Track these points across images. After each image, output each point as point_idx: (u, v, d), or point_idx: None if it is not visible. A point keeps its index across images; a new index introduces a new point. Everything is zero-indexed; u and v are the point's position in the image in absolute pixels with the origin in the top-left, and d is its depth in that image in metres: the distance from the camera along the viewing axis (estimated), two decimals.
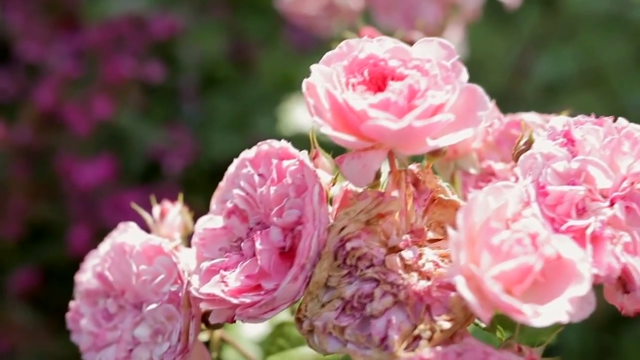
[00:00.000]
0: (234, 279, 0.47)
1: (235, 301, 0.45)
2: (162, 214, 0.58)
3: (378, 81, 0.46)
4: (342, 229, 0.45)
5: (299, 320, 0.46)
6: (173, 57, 1.67)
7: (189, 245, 0.58)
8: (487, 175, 0.56)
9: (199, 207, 0.59)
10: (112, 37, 1.58)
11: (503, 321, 0.50)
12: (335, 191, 0.49)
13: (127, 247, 0.54)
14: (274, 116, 1.51)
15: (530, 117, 0.57)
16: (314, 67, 0.46)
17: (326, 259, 0.45)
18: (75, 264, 1.47)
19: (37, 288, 1.51)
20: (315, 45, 1.70)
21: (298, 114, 1.15)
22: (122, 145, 1.56)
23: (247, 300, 0.45)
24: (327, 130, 0.43)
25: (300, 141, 1.11)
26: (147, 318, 0.53)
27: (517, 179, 0.47)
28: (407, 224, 0.47)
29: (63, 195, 1.54)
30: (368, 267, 0.45)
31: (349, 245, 0.45)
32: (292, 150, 0.48)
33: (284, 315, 0.63)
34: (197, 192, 1.52)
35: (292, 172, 0.47)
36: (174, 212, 0.58)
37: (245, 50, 1.73)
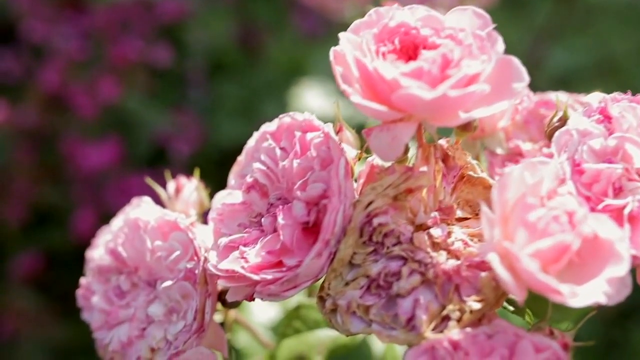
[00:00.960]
0: (254, 254, 0.45)
1: (256, 278, 0.44)
2: (178, 190, 0.56)
3: (409, 50, 0.44)
4: (369, 204, 0.43)
5: (321, 299, 0.45)
6: (181, 42, 1.65)
7: (204, 222, 0.56)
8: (515, 156, 0.54)
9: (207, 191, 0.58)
10: (119, 18, 1.56)
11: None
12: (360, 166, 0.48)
13: (142, 223, 0.52)
14: (282, 102, 1.49)
15: (559, 96, 0.55)
16: (342, 35, 0.44)
17: (351, 236, 0.43)
18: (79, 249, 1.45)
19: (41, 273, 1.49)
20: (323, 32, 1.68)
21: (308, 99, 1.13)
22: (128, 129, 1.54)
23: (269, 277, 0.43)
24: (357, 99, 0.41)
25: None
26: (161, 296, 0.51)
27: None
28: (435, 201, 0.45)
29: (68, 179, 1.52)
30: (395, 245, 0.43)
31: (376, 221, 0.43)
32: (317, 122, 0.46)
33: (300, 298, 0.61)
34: (204, 178, 1.50)
35: (317, 145, 0.45)
36: (190, 187, 0.56)
37: (254, 36, 1.71)
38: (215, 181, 0.59)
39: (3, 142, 1.49)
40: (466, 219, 0.46)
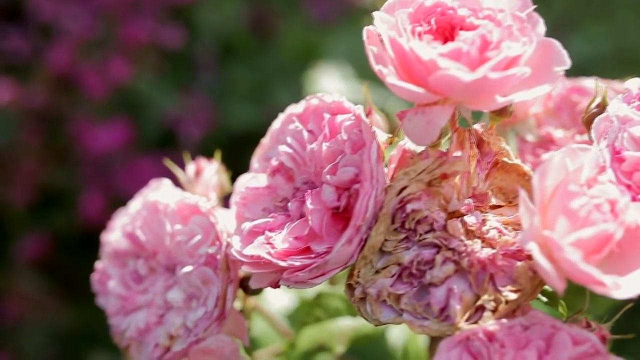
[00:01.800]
0: (281, 240, 0.43)
1: (283, 264, 0.42)
2: (198, 172, 0.54)
3: (445, 31, 0.42)
4: (403, 189, 0.42)
5: (350, 287, 0.43)
6: (191, 24, 1.62)
7: (224, 206, 0.55)
8: (546, 143, 0.53)
9: None
10: None
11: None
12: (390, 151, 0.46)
13: (161, 206, 0.51)
14: (294, 87, 1.47)
15: (591, 83, 0.54)
16: (375, 14, 0.42)
17: (383, 222, 0.42)
18: (86, 232, 1.44)
19: (47, 256, 1.47)
20: (335, 18, 1.66)
21: (324, 82, 1.11)
22: (137, 111, 1.52)
23: (297, 264, 0.42)
24: (392, 80, 0.39)
25: None
26: (180, 281, 0.50)
27: None
28: (469, 188, 0.44)
29: (75, 161, 1.50)
30: (427, 232, 0.42)
31: (409, 207, 0.41)
32: (347, 104, 0.45)
33: (321, 286, 0.60)
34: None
35: (348, 128, 0.43)
36: (211, 170, 0.54)
37: (265, 20, 1.69)
38: (225, 166, 0.57)
39: (10, 122, 1.47)
40: (499, 206, 0.45)
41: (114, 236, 0.54)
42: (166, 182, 0.53)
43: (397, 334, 0.72)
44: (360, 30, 0.44)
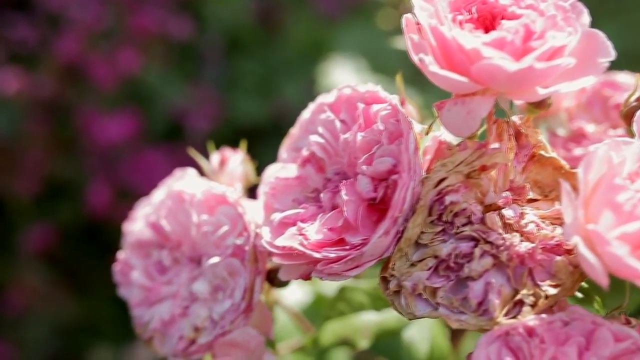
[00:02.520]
0: (314, 231, 0.42)
1: (317, 255, 0.41)
2: (222, 162, 0.53)
3: (486, 20, 0.41)
4: (441, 181, 0.41)
5: (384, 280, 0.42)
6: (199, 16, 1.61)
7: (248, 197, 0.54)
8: (577, 137, 0.52)
9: None
10: None
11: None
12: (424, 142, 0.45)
13: (187, 195, 0.50)
14: (300, 82, 1.46)
15: (623, 78, 0.53)
16: (414, 2, 0.41)
17: (420, 214, 0.41)
18: (92, 224, 1.43)
19: (52, 247, 1.46)
20: (342, 13, 1.65)
21: (336, 75, 1.10)
22: (144, 103, 1.51)
23: (332, 255, 0.41)
24: (434, 69, 0.38)
25: None
26: (206, 273, 0.49)
27: None
28: (505, 181, 0.43)
29: (82, 152, 1.48)
30: (465, 225, 0.41)
31: (447, 199, 0.41)
32: (383, 94, 0.44)
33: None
34: None
35: (384, 118, 0.42)
36: (236, 160, 0.53)
37: (273, 13, 1.67)
38: None
39: (17, 112, 1.46)
40: (535, 200, 0.44)
41: (136, 226, 0.53)
42: (191, 172, 0.52)
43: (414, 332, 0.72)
44: (371, 24, 0.43)
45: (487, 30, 0.41)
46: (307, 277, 0.44)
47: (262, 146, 1.01)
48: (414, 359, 0.78)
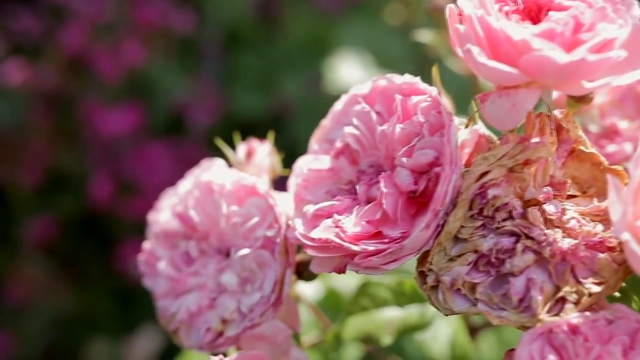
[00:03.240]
0: (352, 224, 0.42)
1: (355, 248, 0.40)
2: (249, 153, 0.52)
3: (531, 12, 0.41)
4: (483, 174, 0.40)
5: (421, 274, 0.42)
6: (199, 10, 1.60)
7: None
8: (610, 134, 0.51)
9: None
10: None
11: None
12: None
13: (216, 186, 0.49)
14: (301, 77, 1.45)
15: None
16: None
17: (462, 208, 0.40)
18: (93, 217, 1.42)
19: (53, 240, 1.45)
20: (343, 8, 1.64)
21: (343, 71, 1.09)
22: (147, 96, 1.49)
23: (370, 248, 0.40)
24: (483, 59, 0.38)
25: None
26: (234, 265, 0.48)
27: None
28: (545, 176, 0.42)
29: (84, 145, 1.47)
30: (505, 220, 0.40)
31: (490, 193, 0.40)
32: (422, 85, 0.43)
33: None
34: (220, 149, 1.46)
35: (425, 109, 0.42)
36: (263, 151, 0.52)
37: (273, 8, 1.66)
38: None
39: (20, 103, 1.44)
40: (574, 196, 0.43)
41: (163, 216, 0.52)
42: (219, 162, 0.51)
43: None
44: (375, 19, 0.42)
45: (533, 22, 0.40)
46: (341, 270, 0.43)
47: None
48: (426, 357, 0.78)
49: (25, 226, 1.45)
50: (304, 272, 0.48)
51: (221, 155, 0.54)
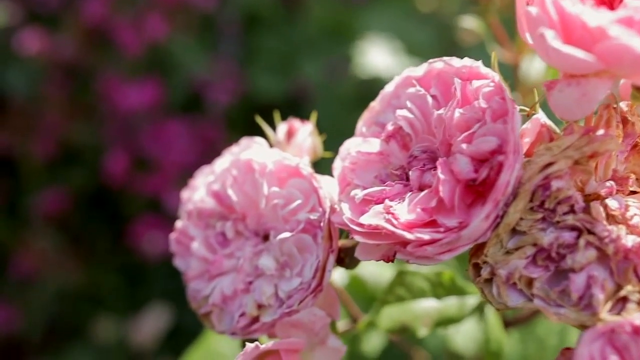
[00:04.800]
0: (404, 211, 0.40)
1: (409, 236, 0.39)
2: (290, 133, 0.50)
3: None
4: (548, 165, 0.38)
5: (476, 267, 0.40)
6: None
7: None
8: None
9: None
10: None
11: None
12: None
13: (257, 165, 0.47)
14: (320, 61, 1.43)
15: None
16: None
17: (522, 199, 0.38)
18: (104, 192, 1.40)
19: (63, 213, 1.43)
20: None
21: (372, 56, 1.07)
22: (167, 72, 1.47)
23: (426, 237, 0.38)
24: (557, 44, 0.36)
25: (377, 84, 1.03)
26: (272, 248, 0.46)
27: None
28: (607, 170, 0.41)
29: (100, 118, 1.45)
30: (567, 213, 0.38)
31: (554, 185, 0.38)
32: (485, 70, 0.41)
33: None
34: (237, 130, 1.44)
35: (487, 95, 0.40)
36: (305, 132, 0.50)
37: None
38: (248, 134, 0.54)
39: (35, 73, 1.42)
40: (635, 192, 0.42)
41: (198, 195, 0.50)
42: (259, 141, 0.49)
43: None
44: (403, 6, 0.40)
45: (608, 9, 0.38)
46: (389, 259, 0.41)
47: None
48: (450, 350, 0.76)
49: (36, 198, 1.43)
50: (345, 258, 0.47)
51: (238, 137, 0.52)
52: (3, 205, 1.45)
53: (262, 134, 0.53)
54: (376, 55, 1.06)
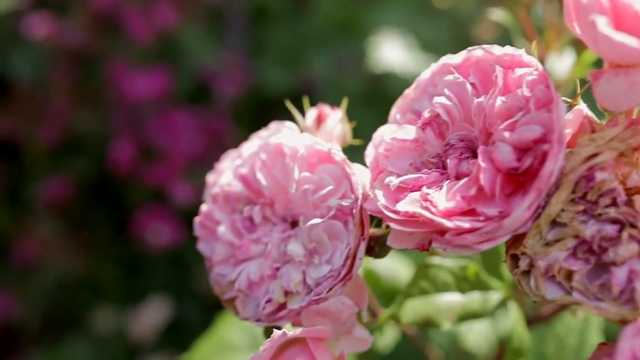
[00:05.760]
0: (443, 198, 0.39)
1: (449, 224, 0.38)
2: (320, 119, 0.50)
3: None
4: (592, 156, 0.38)
5: (513, 258, 0.39)
6: None
7: None
8: None
9: (243, 138, 0.52)
10: None
11: None
12: None
13: (288, 149, 0.46)
14: (329, 55, 1.43)
15: None
16: None
17: (565, 190, 0.38)
18: (108, 181, 1.39)
19: (66, 201, 1.41)
20: None
21: (386, 51, 1.07)
22: (175, 61, 1.46)
23: (465, 225, 0.38)
24: (608, 31, 0.35)
25: (386, 80, 1.03)
26: (300, 234, 0.46)
27: None
28: None
29: (107, 106, 1.43)
30: (609, 206, 0.38)
31: (598, 177, 0.37)
32: (528, 58, 0.40)
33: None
34: (243, 122, 1.43)
35: (531, 83, 0.39)
36: (335, 118, 0.49)
37: None
38: (254, 126, 0.53)
39: (43, 58, 1.40)
40: None
41: (224, 178, 0.49)
42: (289, 125, 0.48)
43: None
44: (411, 2, 0.40)
45: None
46: (424, 248, 0.41)
47: (285, 117, 0.98)
48: (460, 348, 0.76)
49: (39, 185, 1.41)
50: (375, 247, 0.46)
51: (245, 129, 0.52)
52: (5, 192, 1.43)
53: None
54: (390, 51, 1.06)
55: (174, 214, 1.28)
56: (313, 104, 0.50)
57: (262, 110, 1.41)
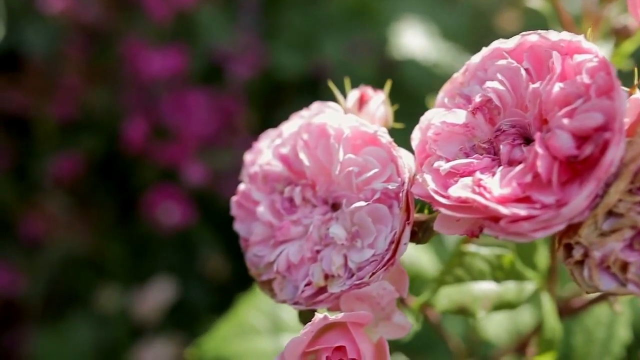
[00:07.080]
0: (497, 185, 0.38)
1: (504, 211, 0.37)
2: (362, 100, 0.49)
3: None
4: None
5: (567, 247, 0.39)
6: None
7: None
8: None
9: (254, 121, 0.51)
10: None
11: None
12: None
13: (331, 130, 0.45)
14: (343, 41, 1.41)
15: None
16: None
17: (624, 180, 0.37)
18: (120, 159, 1.37)
19: (75, 178, 1.40)
20: None
21: (408, 38, 1.05)
22: (189, 41, 1.44)
23: (522, 212, 0.37)
24: None
25: (408, 66, 1.02)
26: (342, 217, 0.45)
27: None
28: None
29: (121, 84, 1.42)
30: None
31: None
32: (587, 44, 0.39)
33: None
34: (255, 105, 1.42)
35: (591, 70, 0.38)
36: (377, 100, 0.49)
37: None
38: (265, 110, 0.52)
39: (57, 33, 1.39)
40: None
41: (263, 158, 0.48)
42: (333, 105, 0.47)
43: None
44: None
45: None
46: (474, 234, 0.40)
47: (297, 102, 0.97)
48: (479, 338, 0.75)
49: (48, 161, 1.40)
50: (418, 232, 0.45)
51: (257, 112, 0.51)
52: (14, 167, 1.42)
53: (280, 110, 0.51)
54: (412, 37, 1.05)
55: (185, 193, 1.27)
56: (324, 89, 0.49)
57: (274, 93, 1.40)
